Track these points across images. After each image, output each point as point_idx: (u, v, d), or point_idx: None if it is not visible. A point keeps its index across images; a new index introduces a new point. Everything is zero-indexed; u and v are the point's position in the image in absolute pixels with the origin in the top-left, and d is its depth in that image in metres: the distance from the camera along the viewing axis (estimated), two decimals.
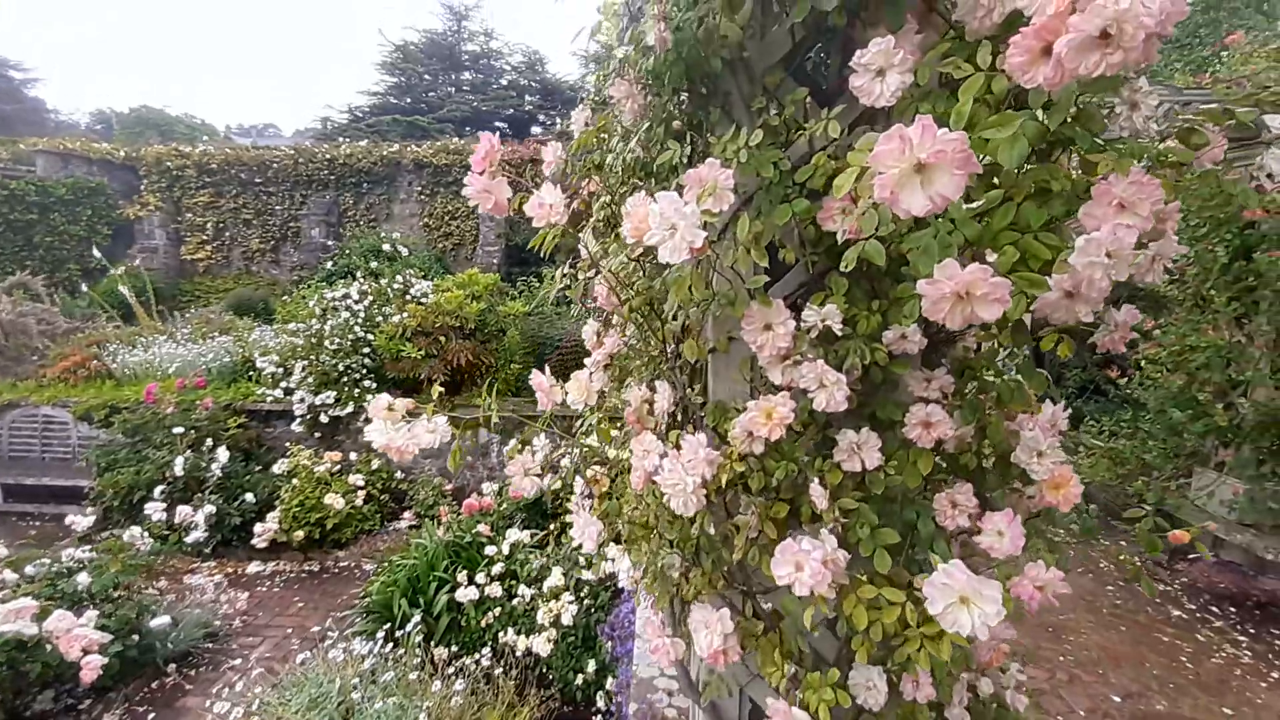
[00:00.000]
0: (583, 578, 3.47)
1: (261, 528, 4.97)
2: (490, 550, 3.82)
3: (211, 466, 5.31)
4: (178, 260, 11.13)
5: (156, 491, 5.08)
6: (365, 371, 6.31)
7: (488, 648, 3.31)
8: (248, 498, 5.28)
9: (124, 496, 5.21)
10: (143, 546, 4.25)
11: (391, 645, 3.27)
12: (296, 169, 10.88)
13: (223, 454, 5.38)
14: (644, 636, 1.27)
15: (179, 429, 5.45)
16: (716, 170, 0.92)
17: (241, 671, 3.66)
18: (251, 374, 6.55)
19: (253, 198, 11.08)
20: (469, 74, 17.85)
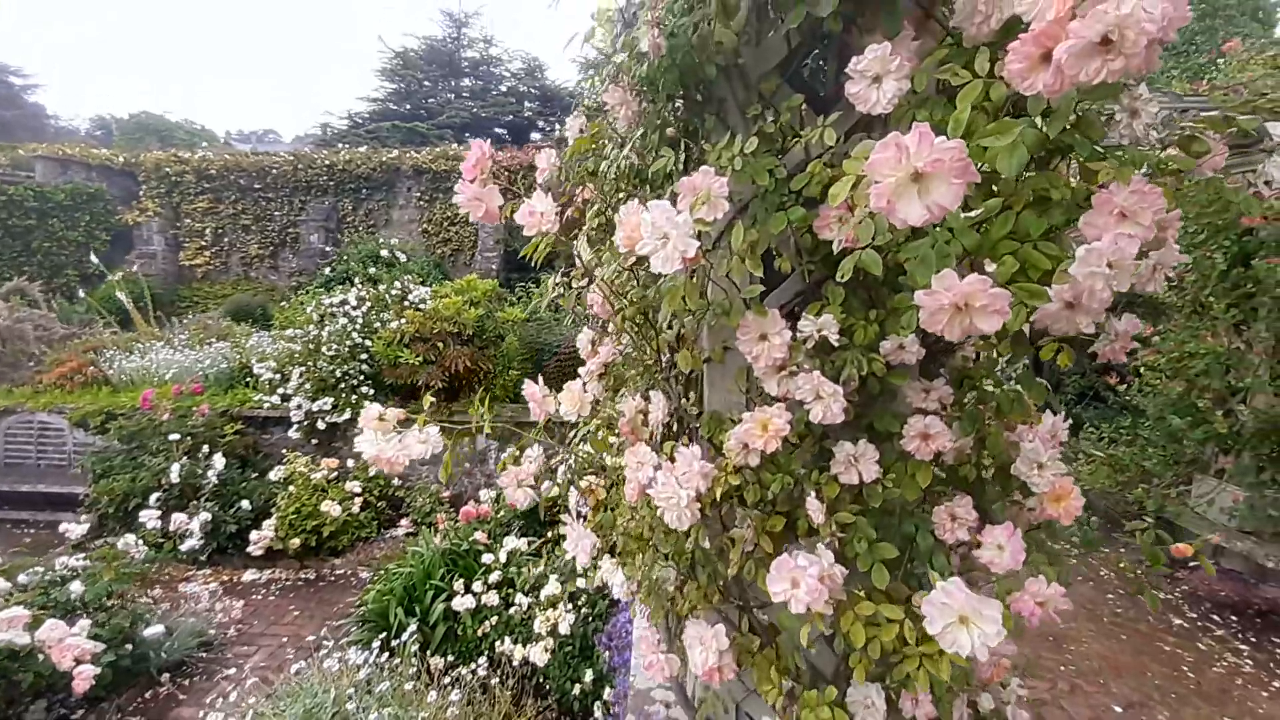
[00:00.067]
0: (580, 586, 3.45)
1: (257, 535, 4.93)
2: (487, 558, 3.79)
3: (207, 473, 5.28)
4: (176, 266, 11.13)
5: (152, 499, 5.04)
6: (363, 378, 6.29)
7: (484, 657, 3.27)
8: (244, 505, 5.25)
9: (119, 504, 5.17)
10: (137, 554, 4.22)
11: (387, 655, 3.23)
12: (296, 175, 10.90)
13: (219, 461, 5.35)
14: (639, 651, 1.25)
15: (175, 435, 5.42)
16: (711, 178, 0.91)
17: (236, 681, 3.62)
18: (249, 380, 6.53)
19: (252, 203, 11.09)
20: (468, 80, 17.89)
